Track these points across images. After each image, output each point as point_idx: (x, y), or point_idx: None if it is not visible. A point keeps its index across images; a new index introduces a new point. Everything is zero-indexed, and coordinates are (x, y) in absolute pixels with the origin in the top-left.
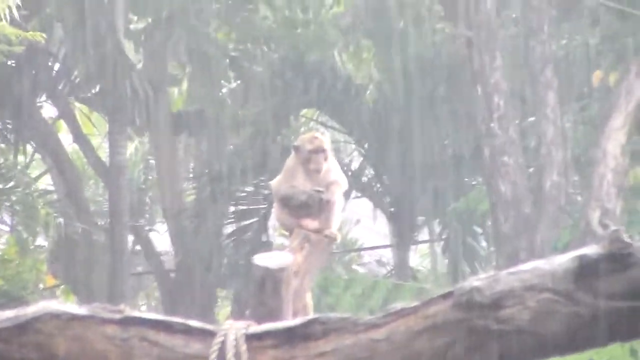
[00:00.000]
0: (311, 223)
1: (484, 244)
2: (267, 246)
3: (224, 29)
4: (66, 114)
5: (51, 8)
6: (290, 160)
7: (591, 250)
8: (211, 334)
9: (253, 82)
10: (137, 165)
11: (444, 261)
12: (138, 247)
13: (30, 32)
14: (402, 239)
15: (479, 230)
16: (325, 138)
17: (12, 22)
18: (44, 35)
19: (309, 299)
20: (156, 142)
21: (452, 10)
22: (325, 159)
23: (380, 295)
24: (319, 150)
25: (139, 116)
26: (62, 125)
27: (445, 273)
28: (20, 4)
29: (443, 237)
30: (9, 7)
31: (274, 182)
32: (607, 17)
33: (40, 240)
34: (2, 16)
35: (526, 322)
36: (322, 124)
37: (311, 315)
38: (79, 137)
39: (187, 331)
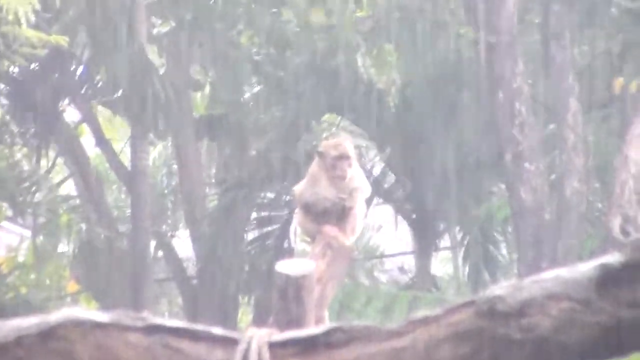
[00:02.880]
0: (333, 230)
1: (504, 251)
2: (290, 253)
3: (247, 33)
4: (89, 118)
5: (74, 11)
6: (314, 166)
7: (613, 258)
8: (234, 342)
9: (276, 87)
10: (159, 171)
11: (465, 268)
12: (160, 254)
13: (53, 36)
14: (424, 245)
15: (500, 237)
16: (349, 144)
17: (35, 25)
18: (66, 38)
19: (325, 311)
20: (179, 147)
21: (475, 15)
22: (350, 165)
23: (403, 307)
24: (344, 157)
25: (161, 121)
26: (85, 129)
27: (466, 280)
28: (43, 8)
29: (464, 244)
30: (30, 11)
31: (297, 188)
32: (628, 24)
33: (63, 246)
34: (24, 20)
35: (548, 331)
36: (344, 129)
37: (334, 323)
38: (102, 142)
39: (210, 338)
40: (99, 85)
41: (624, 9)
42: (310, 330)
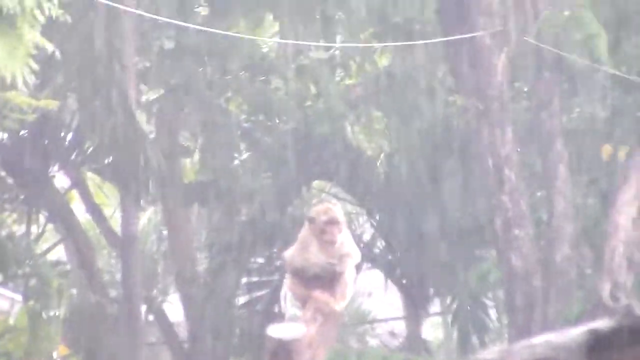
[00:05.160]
0: (324, 295)
1: (494, 316)
2: (280, 317)
3: (235, 100)
4: (78, 184)
5: (63, 78)
6: (304, 231)
7: (603, 324)
8: None
9: (264, 154)
10: (149, 236)
11: (454, 333)
12: (151, 318)
13: (43, 100)
14: (414, 311)
15: (489, 302)
16: (338, 210)
17: (25, 91)
18: (57, 102)
19: None
20: (168, 212)
21: (464, 82)
22: (339, 230)
23: None
24: (333, 222)
25: (151, 187)
26: (75, 195)
27: (455, 345)
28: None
29: (452, 308)
30: (27, 73)
31: (287, 253)
32: (617, 91)
33: (54, 310)
34: (22, 81)
35: None
36: (334, 195)
37: None
38: (92, 207)
39: None
40: (88, 152)
41: (612, 76)
42: None
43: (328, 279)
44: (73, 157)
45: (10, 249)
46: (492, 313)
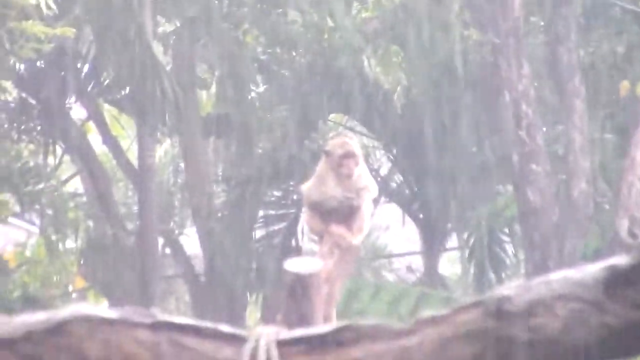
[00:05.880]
0: (341, 229)
1: (510, 251)
2: (297, 251)
3: (252, 32)
4: (95, 116)
5: (80, 9)
6: (321, 165)
7: (621, 260)
8: (242, 340)
9: (281, 86)
10: (166, 168)
11: (471, 268)
12: (168, 251)
13: (60, 28)
14: (431, 245)
15: (506, 237)
16: (355, 143)
17: (41, 21)
18: (73, 30)
19: (333, 309)
20: (185, 144)
21: (480, 17)
22: (356, 164)
23: (409, 303)
24: (350, 155)
25: (168, 119)
26: (92, 127)
27: (472, 281)
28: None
29: (470, 244)
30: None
31: (304, 187)
32: (633, 26)
33: (70, 242)
34: (44, 6)
35: (556, 332)
36: (351, 128)
37: (343, 322)
38: (108, 139)
39: (218, 336)
40: (105, 83)
41: (627, 10)
42: (319, 328)
43: (345, 213)
44: (89, 88)
45: (27, 179)
46: (509, 248)
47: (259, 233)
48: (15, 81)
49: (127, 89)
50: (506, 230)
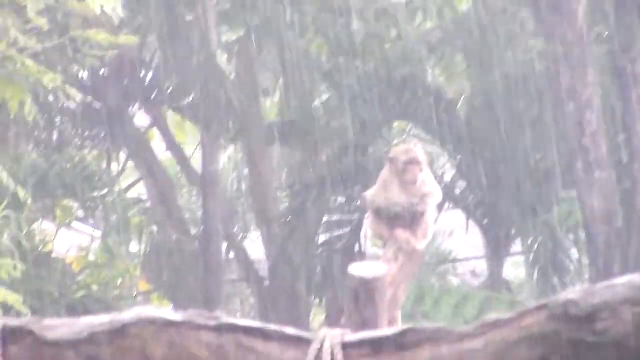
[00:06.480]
0: (405, 234)
1: (574, 256)
2: (360, 256)
3: (316, 41)
4: (159, 123)
5: (144, 18)
6: (385, 171)
7: None
8: (307, 341)
9: (345, 94)
10: (230, 174)
11: (535, 273)
12: (231, 255)
13: (123, 36)
14: (495, 250)
15: (569, 243)
16: (419, 149)
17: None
18: (136, 38)
19: (398, 312)
20: (249, 151)
21: (544, 26)
22: (420, 170)
23: (474, 306)
24: (414, 162)
25: (231, 126)
26: (155, 133)
27: (535, 285)
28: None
29: (533, 248)
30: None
31: (368, 193)
32: None
33: (133, 246)
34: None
35: (621, 335)
36: (415, 135)
37: (406, 325)
38: (172, 146)
39: (283, 338)
40: (168, 91)
41: None
42: (383, 330)
43: (409, 219)
44: (153, 96)
45: (90, 185)
46: (573, 254)
47: (322, 238)
48: (80, 88)
49: (191, 96)
50: (570, 235)
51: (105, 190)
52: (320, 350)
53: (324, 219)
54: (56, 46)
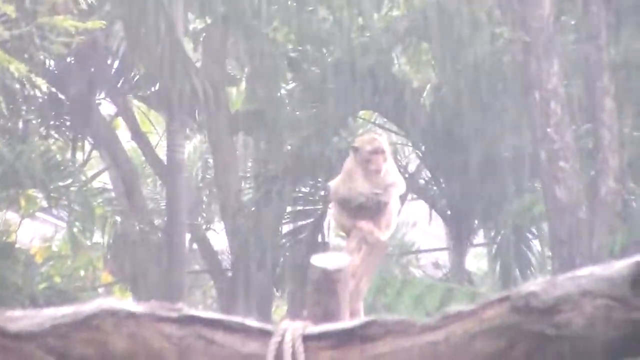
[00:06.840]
0: (368, 225)
1: (537, 248)
2: (324, 247)
3: (283, 30)
4: (124, 112)
5: (111, 6)
6: (349, 161)
7: None
8: (268, 334)
9: (310, 84)
10: (195, 164)
11: (497, 264)
12: (195, 246)
13: (90, 22)
14: (458, 241)
15: (532, 234)
16: (383, 140)
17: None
18: (104, 22)
19: (361, 304)
20: (214, 140)
21: (511, 15)
22: (384, 160)
23: (436, 298)
24: (378, 152)
25: (197, 115)
26: (120, 123)
27: (498, 277)
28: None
29: (497, 240)
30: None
31: (332, 183)
32: None
33: (97, 238)
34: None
35: (582, 328)
36: (380, 125)
37: (369, 317)
38: (137, 135)
39: (244, 330)
40: (135, 80)
41: None
42: (346, 323)
43: (373, 209)
44: (119, 84)
45: (55, 175)
46: (536, 245)
47: (285, 228)
48: (45, 77)
49: (157, 85)
50: (533, 227)
51: (69, 180)
52: (281, 343)
53: (288, 209)
54: (23, 34)
